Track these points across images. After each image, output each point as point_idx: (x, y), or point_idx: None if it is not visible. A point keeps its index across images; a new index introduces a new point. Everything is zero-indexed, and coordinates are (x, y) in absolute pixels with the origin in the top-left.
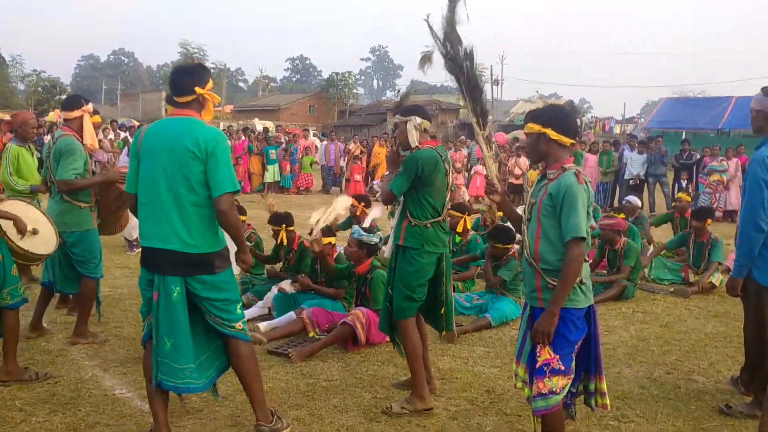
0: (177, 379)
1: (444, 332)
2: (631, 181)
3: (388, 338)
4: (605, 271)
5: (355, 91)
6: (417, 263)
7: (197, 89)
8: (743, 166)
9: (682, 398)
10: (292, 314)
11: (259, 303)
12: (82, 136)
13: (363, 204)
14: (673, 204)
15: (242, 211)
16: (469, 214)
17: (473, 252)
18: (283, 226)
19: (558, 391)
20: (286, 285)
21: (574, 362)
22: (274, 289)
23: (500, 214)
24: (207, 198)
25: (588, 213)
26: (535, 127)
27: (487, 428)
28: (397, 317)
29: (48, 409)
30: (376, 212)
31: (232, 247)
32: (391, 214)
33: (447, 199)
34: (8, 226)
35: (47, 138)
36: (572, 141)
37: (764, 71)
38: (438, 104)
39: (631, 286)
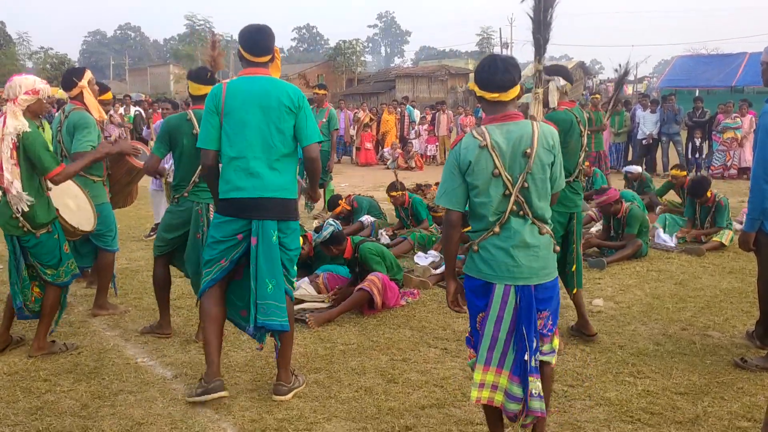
0: (280, 318)
1: (575, 290)
2: (644, 141)
3: (402, 302)
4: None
5: (363, 58)
6: None
7: (276, 49)
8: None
9: (697, 353)
10: (306, 280)
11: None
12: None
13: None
14: (669, 179)
15: None
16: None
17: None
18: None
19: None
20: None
21: (484, 345)
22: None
23: None
24: (294, 149)
25: (468, 181)
26: (470, 85)
27: None
28: None
29: (72, 379)
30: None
31: None
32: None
33: (580, 160)
34: (60, 205)
35: (56, 112)
36: (490, 94)
37: None
38: (447, 69)
39: (644, 245)
